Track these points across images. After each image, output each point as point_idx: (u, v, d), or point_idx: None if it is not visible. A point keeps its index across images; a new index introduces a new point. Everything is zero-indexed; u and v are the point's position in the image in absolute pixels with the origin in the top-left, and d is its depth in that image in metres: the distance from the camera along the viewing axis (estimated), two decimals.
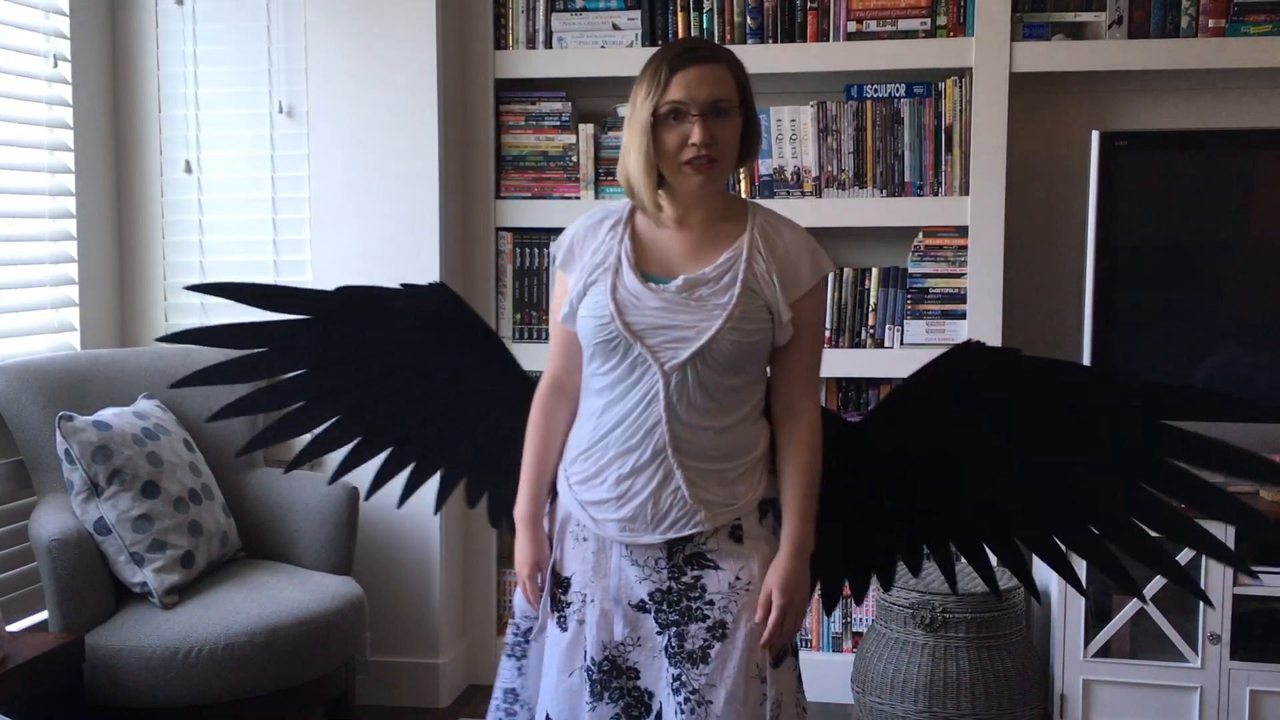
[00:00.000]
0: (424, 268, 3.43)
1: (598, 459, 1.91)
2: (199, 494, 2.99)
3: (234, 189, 3.55)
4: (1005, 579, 3.17)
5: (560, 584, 1.98)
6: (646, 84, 1.86)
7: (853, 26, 3.40)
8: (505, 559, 3.73)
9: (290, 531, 3.16)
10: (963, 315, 3.37)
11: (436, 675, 3.50)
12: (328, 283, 3.42)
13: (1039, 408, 2.04)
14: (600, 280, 1.89)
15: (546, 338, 3.58)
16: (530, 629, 2.06)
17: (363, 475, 2.42)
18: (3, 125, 3.17)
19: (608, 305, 1.86)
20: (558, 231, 3.53)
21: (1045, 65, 3.32)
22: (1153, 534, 2.03)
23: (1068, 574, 2.14)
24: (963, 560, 2.21)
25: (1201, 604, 3.02)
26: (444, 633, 3.52)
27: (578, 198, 3.56)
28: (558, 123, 3.56)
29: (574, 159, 3.55)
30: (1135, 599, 3.06)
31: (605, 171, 3.55)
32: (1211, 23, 3.27)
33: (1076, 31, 3.36)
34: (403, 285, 2.25)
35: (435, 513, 2.50)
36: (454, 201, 3.54)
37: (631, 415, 1.87)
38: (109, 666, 2.67)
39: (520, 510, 2.02)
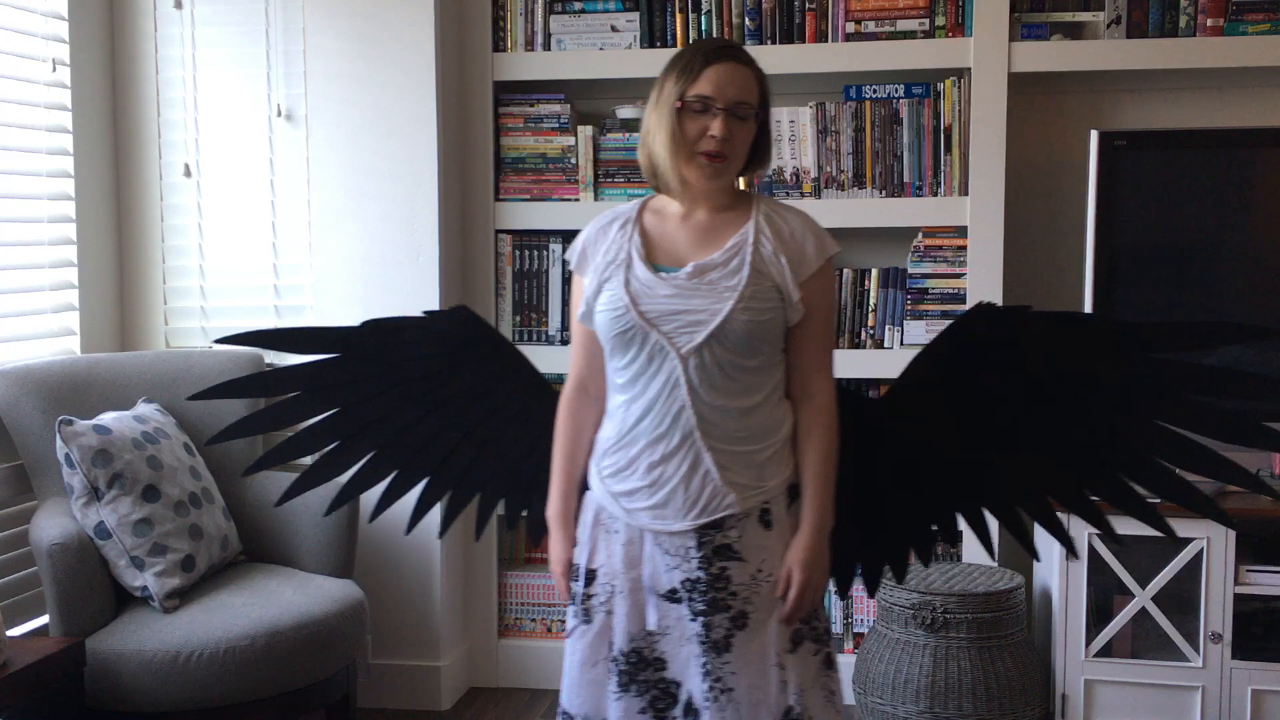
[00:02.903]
0: (423, 270, 3.43)
1: (628, 450, 1.96)
2: (199, 498, 2.99)
3: (233, 192, 3.54)
4: (1007, 580, 3.17)
5: (587, 577, 2.02)
6: (677, 72, 1.92)
7: (851, 27, 3.40)
8: (506, 561, 3.73)
9: (291, 535, 3.16)
10: None
11: (438, 678, 3.50)
12: (327, 287, 3.49)
13: (1054, 357, 2.07)
14: (614, 276, 1.96)
15: (546, 340, 3.59)
16: None
17: (372, 495, 2.43)
18: (2, 130, 3.17)
19: (622, 297, 1.92)
20: (557, 233, 3.60)
21: (1044, 65, 3.32)
22: (1176, 470, 2.06)
23: (1102, 523, 2.18)
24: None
25: (1203, 604, 3.02)
26: (445, 635, 3.52)
27: (577, 199, 3.56)
28: (556, 125, 3.56)
29: (573, 161, 3.55)
30: (1136, 598, 3.07)
31: (604, 173, 3.55)
32: (1210, 22, 3.27)
33: (1075, 31, 3.36)
34: (425, 313, 2.31)
35: (476, 539, 2.53)
36: (453, 204, 3.54)
37: (657, 404, 1.92)
38: (110, 671, 2.67)
39: (552, 510, 2.09)
